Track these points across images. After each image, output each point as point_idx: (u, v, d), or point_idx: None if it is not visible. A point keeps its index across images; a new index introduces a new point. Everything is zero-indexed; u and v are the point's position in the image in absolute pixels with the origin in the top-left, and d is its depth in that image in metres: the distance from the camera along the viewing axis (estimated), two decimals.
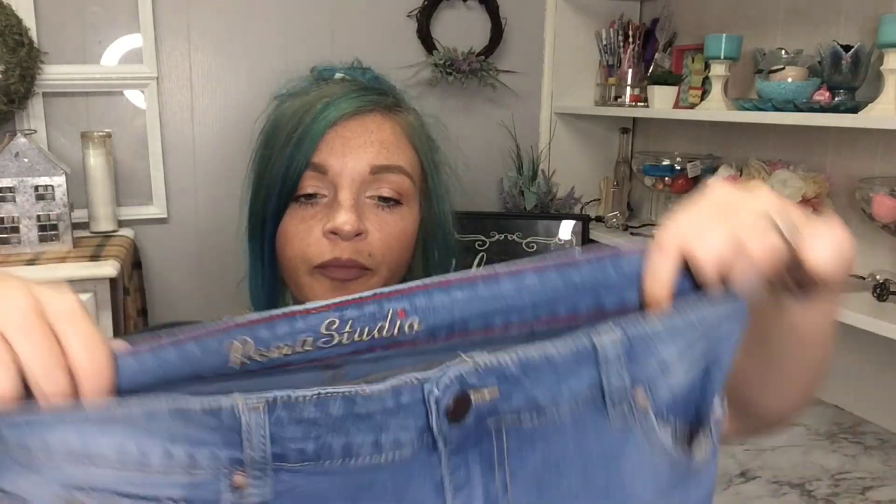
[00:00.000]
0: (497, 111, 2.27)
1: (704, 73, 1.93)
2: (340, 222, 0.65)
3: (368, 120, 0.69)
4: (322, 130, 0.67)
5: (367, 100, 0.70)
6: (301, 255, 0.68)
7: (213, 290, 2.05)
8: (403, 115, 0.75)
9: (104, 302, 1.57)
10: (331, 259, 0.67)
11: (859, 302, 1.40)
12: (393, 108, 0.73)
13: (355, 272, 0.68)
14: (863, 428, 1.57)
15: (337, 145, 0.67)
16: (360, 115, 0.69)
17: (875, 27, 1.39)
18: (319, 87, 0.74)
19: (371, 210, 0.69)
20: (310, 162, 0.67)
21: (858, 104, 1.43)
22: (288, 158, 0.67)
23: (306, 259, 0.68)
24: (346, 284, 0.68)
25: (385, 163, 0.69)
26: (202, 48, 1.98)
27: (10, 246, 1.64)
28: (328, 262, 0.67)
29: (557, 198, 2.28)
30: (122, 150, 1.94)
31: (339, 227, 0.65)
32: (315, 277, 0.68)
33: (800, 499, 1.29)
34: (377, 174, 0.68)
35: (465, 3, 2.17)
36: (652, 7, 2.25)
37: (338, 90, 0.71)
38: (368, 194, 0.69)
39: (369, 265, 0.68)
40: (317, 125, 0.67)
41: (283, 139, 0.69)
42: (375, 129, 0.69)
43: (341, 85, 0.73)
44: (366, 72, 0.81)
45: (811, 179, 1.60)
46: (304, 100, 0.71)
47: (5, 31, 1.71)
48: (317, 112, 0.68)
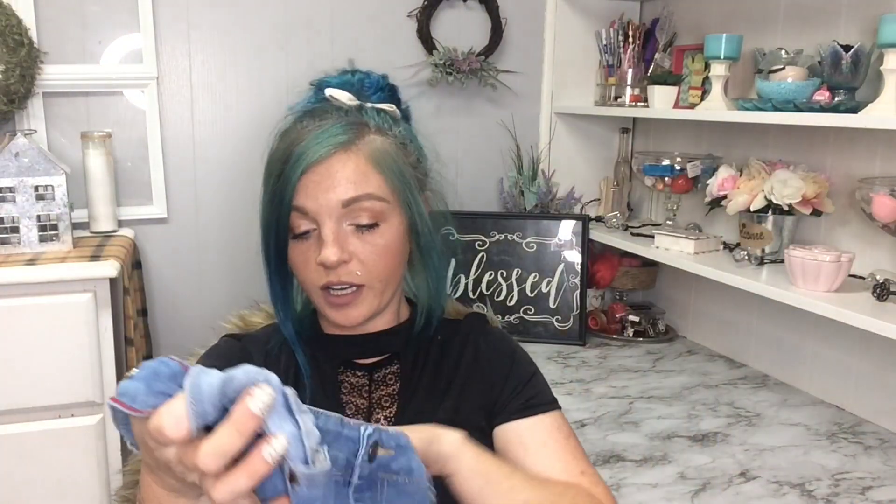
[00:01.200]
0: (497, 111, 2.27)
1: (704, 73, 1.93)
2: (324, 257, 0.79)
3: (333, 161, 0.80)
4: (297, 179, 0.79)
5: (330, 144, 0.80)
6: (306, 282, 0.83)
7: (213, 290, 2.05)
8: (366, 145, 0.82)
9: (104, 302, 1.57)
10: (326, 283, 0.81)
11: (859, 302, 1.40)
12: (354, 143, 0.81)
13: (352, 295, 0.82)
14: (863, 428, 1.57)
15: (310, 189, 0.79)
16: (324, 160, 0.79)
17: (875, 27, 1.39)
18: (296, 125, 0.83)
19: (353, 235, 0.81)
20: (292, 206, 0.80)
21: (858, 104, 1.43)
22: (276, 203, 0.80)
23: (311, 284, 0.83)
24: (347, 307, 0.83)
25: (353, 195, 0.80)
26: (202, 48, 1.98)
27: (10, 246, 1.64)
28: (326, 285, 0.81)
29: (557, 198, 2.28)
30: (122, 150, 1.94)
31: (324, 260, 0.79)
32: (323, 297, 0.83)
33: (800, 499, 1.30)
34: (349, 206, 0.80)
35: (465, 3, 2.17)
36: (652, 7, 2.25)
37: (308, 135, 0.81)
38: (347, 223, 0.81)
39: (361, 282, 0.82)
40: (292, 174, 0.79)
41: (272, 185, 0.81)
42: (339, 168, 0.80)
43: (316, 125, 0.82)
44: (355, 73, 0.90)
45: (811, 179, 1.61)
46: (285, 143, 0.82)
47: (5, 31, 1.71)
48: (292, 161, 0.79)
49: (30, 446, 1.56)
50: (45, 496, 1.58)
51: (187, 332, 2.01)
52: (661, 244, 1.89)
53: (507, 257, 2.13)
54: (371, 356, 0.90)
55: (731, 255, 1.76)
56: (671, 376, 1.86)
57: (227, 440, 0.46)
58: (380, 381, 0.89)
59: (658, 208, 2.27)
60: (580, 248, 2.10)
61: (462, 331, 0.94)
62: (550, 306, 2.10)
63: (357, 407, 0.87)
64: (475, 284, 2.14)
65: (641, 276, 2.24)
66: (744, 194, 1.68)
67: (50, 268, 1.53)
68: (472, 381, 0.90)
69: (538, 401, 0.90)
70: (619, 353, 2.03)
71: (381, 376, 0.90)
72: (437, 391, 0.89)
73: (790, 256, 1.49)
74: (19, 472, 1.56)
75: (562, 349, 2.05)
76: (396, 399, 0.88)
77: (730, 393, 1.75)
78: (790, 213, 1.63)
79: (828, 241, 1.68)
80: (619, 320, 2.17)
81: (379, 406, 0.88)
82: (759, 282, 1.57)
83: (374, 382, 0.89)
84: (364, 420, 0.83)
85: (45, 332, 1.53)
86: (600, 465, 1.41)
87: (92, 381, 1.57)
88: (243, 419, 0.46)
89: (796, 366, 1.79)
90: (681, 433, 1.54)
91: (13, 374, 1.53)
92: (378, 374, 0.90)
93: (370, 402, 0.88)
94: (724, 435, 1.53)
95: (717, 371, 1.90)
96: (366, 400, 0.88)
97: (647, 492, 1.32)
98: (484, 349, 0.92)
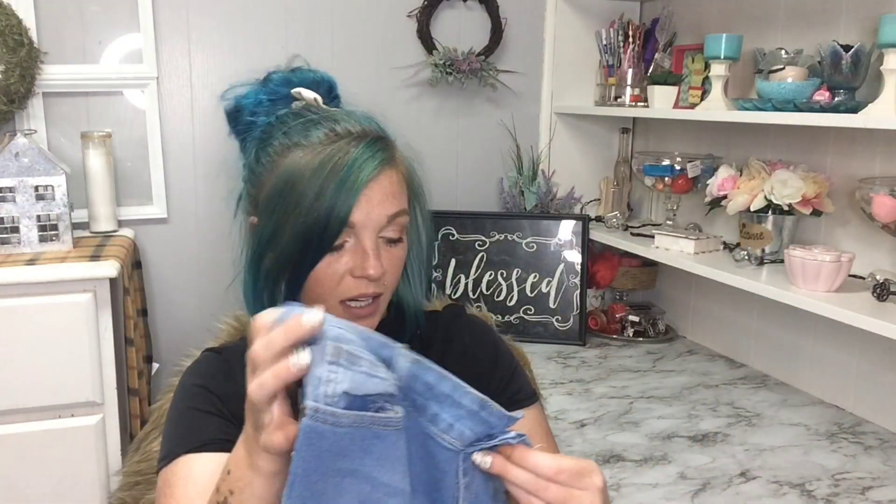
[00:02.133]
0: (497, 111, 2.27)
1: (704, 73, 1.93)
2: (371, 271, 0.79)
3: (383, 177, 0.80)
4: (355, 196, 0.77)
5: (379, 159, 0.79)
6: (330, 293, 0.81)
7: (212, 290, 2.05)
8: (400, 161, 0.84)
9: (104, 302, 1.57)
10: (357, 295, 0.81)
11: (859, 302, 1.40)
12: (394, 157, 0.82)
13: (370, 307, 0.82)
14: (863, 428, 1.57)
15: (363, 203, 0.78)
16: (376, 176, 0.79)
17: (875, 27, 1.39)
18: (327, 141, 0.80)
19: (382, 248, 0.82)
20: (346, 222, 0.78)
21: (858, 104, 1.43)
22: (325, 218, 0.77)
23: (337, 295, 0.81)
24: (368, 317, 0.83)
25: (395, 210, 0.81)
26: (202, 48, 1.98)
27: (10, 246, 1.64)
28: (354, 297, 0.81)
29: (557, 198, 2.28)
30: (122, 150, 1.94)
31: (368, 274, 0.79)
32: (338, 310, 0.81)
33: (800, 499, 1.30)
34: (391, 221, 0.81)
35: (465, 3, 2.17)
36: (652, 7, 2.25)
37: (354, 150, 0.79)
38: (380, 235, 0.81)
39: (380, 291, 0.83)
40: (348, 191, 0.77)
41: (313, 197, 0.77)
42: (388, 183, 0.80)
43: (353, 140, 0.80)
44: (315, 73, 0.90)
45: (811, 179, 1.61)
46: (322, 158, 0.78)
47: (5, 31, 1.71)
48: (343, 176, 0.77)
49: (30, 446, 1.56)
50: (45, 496, 1.58)
51: (187, 332, 2.01)
52: (661, 244, 1.89)
53: (507, 257, 2.13)
54: None
55: (731, 255, 1.76)
56: (671, 376, 1.86)
57: (275, 336, 0.58)
58: None
59: (658, 208, 2.27)
60: (580, 248, 2.10)
61: (440, 324, 0.95)
62: (550, 306, 2.10)
63: None
64: (475, 284, 2.14)
65: (641, 276, 2.24)
66: (744, 194, 1.68)
67: (50, 268, 1.53)
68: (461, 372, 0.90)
69: (523, 395, 0.92)
70: (619, 353, 2.03)
71: None
72: None
73: (790, 256, 1.49)
74: (19, 472, 1.56)
75: (562, 349, 2.05)
76: None
77: (730, 393, 1.76)
78: (790, 213, 1.63)
79: (828, 241, 1.68)
80: (619, 320, 2.17)
81: None
82: (759, 282, 1.57)
83: None
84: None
85: (45, 332, 1.53)
86: (600, 465, 1.41)
87: (92, 381, 1.57)
88: (293, 325, 0.57)
89: (796, 366, 1.79)
90: (681, 433, 1.54)
91: (13, 374, 1.53)
92: None
93: None
94: (724, 435, 1.54)
95: (717, 371, 1.90)
96: None
97: (647, 492, 1.32)
98: (469, 342, 0.93)
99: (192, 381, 0.85)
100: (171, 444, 0.81)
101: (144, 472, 0.97)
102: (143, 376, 1.74)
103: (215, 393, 0.83)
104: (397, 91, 2.15)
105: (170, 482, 0.78)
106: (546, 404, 1.24)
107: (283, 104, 0.87)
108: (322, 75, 0.91)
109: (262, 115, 0.87)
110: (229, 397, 0.83)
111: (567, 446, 1.48)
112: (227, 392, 0.83)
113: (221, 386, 0.84)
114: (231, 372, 0.85)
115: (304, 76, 0.91)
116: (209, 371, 0.86)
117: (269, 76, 0.91)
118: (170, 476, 0.78)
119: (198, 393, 0.83)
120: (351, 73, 2.08)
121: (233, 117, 0.90)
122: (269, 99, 0.88)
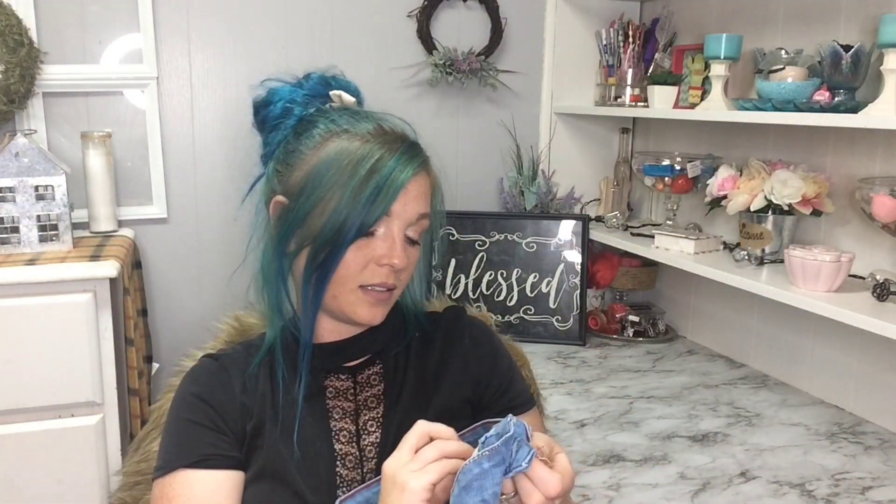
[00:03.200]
0: (497, 111, 2.27)
1: (704, 73, 1.93)
2: (398, 261, 0.82)
3: (420, 177, 0.85)
4: (398, 190, 0.82)
5: (419, 160, 0.85)
6: (352, 277, 0.83)
7: (212, 290, 2.05)
8: (432, 169, 0.89)
9: (104, 302, 1.57)
10: (378, 283, 0.83)
11: (859, 302, 1.40)
12: (428, 163, 0.87)
13: (387, 293, 0.85)
14: (863, 428, 1.57)
15: (402, 196, 0.82)
16: (416, 175, 0.84)
17: (875, 27, 1.39)
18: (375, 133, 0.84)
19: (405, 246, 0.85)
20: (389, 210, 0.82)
21: (858, 104, 1.43)
22: (366, 206, 0.80)
23: (358, 280, 0.83)
24: (381, 304, 0.85)
25: (425, 210, 0.86)
26: (202, 48, 1.98)
27: (10, 246, 1.64)
28: (374, 285, 0.84)
29: (557, 198, 2.28)
30: (122, 150, 1.94)
31: (396, 265, 0.83)
32: (357, 294, 0.84)
33: (800, 499, 1.30)
34: (419, 221, 0.85)
35: (465, 3, 2.17)
36: (652, 7, 2.25)
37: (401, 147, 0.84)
38: (405, 233, 0.85)
39: (397, 285, 0.86)
40: (393, 184, 0.81)
41: (356, 186, 0.81)
42: (424, 183, 0.86)
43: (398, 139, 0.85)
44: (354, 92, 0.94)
45: (811, 179, 1.61)
46: (372, 146, 0.83)
47: (5, 31, 1.71)
48: (388, 170, 0.81)
49: (30, 446, 1.56)
50: (45, 496, 1.58)
51: (187, 332, 2.01)
52: (661, 244, 1.89)
53: (507, 257, 2.13)
54: (355, 358, 0.91)
55: (731, 255, 1.76)
56: (671, 376, 1.86)
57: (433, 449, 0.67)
58: (364, 382, 0.89)
59: (658, 208, 2.27)
60: (580, 248, 2.10)
61: (441, 325, 0.96)
62: (550, 306, 2.10)
63: (344, 410, 0.87)
64: (475, 284, 2.14)
65: (641, 276, 2.24)
66: (744, 194, 1.68)
67: (50, 268, 1.53)
68: (459, 379, 0.91)
69: (521, 400, 0.94)
70: (619, 353, 2.03)
71: (364, 378, 0.90)
72: (424, 389, 0.90)
73: (790, 256, 1.49)
74: (19, 472, 1.56)
75: (562, 349, 2.05)
76: (382, 399, 0.89)
77: (730, 393, 1.76)
78: (790, 213, 1.63)
79: (828, 241, 1.68)
80: (619, 320, 2.17)
81: (366, 407, 0.88)
82: (759, 282, 1.57)
83: (359, 385, 0.89)
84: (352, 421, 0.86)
85: (45, 332, 1.53)
86: (600, 465, 1.41)
87: (92, 381, 1.57)
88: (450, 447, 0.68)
89: (796, 366, 1.79)
90: (681, 433, 1.54)
91: (13, 374, 1.53)
92: (362, 376, 0.90)
93: (356, 404, 0.88)
94: (724, 435, 1.54)
95: (717, 371, 1.90)
96: (352, 402, 0.88)
97: (647, 492, 1.32)
98: (468, 344, 0.94)
99: (190, 389, 0.86)
100: (168, 455, 0.83)
101: (144, 472, 0.97)
102: (143, 376, 1.74)
103: (212, 404, 0.84)
104: (397, 91, 2.15)
105: (168, 497, 0.80)
106: (546, 404, 1.25)
107: (318, 102, 0.90)
108: (356, 86, 0.96)
109: (297, 107, 0.89)
110: (226, 408, 0.84)
111: (567, 446, 1.48)
112: (224, 403, 0.85)
113: (218, 396, 0.85)
114: (228, 381, 0.87)
115: (339, 81, 0.95)
116: (207, 380, 0.87)
117: (308, 75, 0.94)
118: (168, 490, 0.80)
119: (195, 404, 0.84)
120: (351, 73, 2.05)
121: (263, 106, 0.92)
122: (306, 94, 0.90)
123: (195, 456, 0.81)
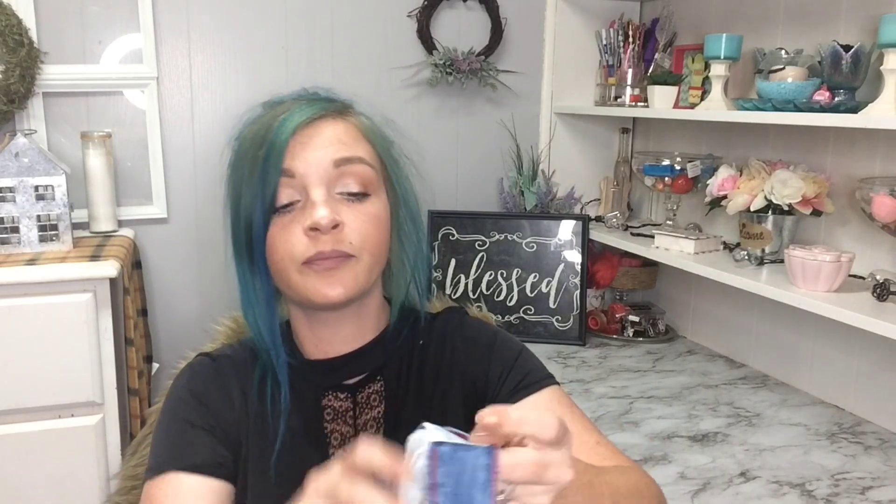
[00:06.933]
0: (497, 111, 2.27)
1: (704, 73, 1.93)
2: (318, 217, 0.73)
3: (323, 124, 0.77)
4: (285, 140, 0.75)
5: (319, 107, 0.78)
6: (288, 257, 0.75)
7: (212, 290, 2.05)
8: (355, 117, 0.82)
9: (104, 302, 1.57)
10: (315, 254, 0.74)
11: (859, 302, 1.40)
12: (343, 112, 0.81)
13: (340, 261, 0.75)
14: (863, 428, 1.57)
15: (298, 149, 0.75)
16: (314, 121, 0.77)
17: (875, 27, 1.39)
18: (273, 108, 0.80)
19: (343, 204, 0.76)
20: (281, 169, 0.74)
21: (858, 104, 1.43)
22: (261, 173, 0.75)
23: (293, 258, 0.75)
24: (334, 273, 0.75)
25: (346, 155, 0.76)
26: (202, 48, 1.98)
27: (10, 246, 1.64)
28: (313, 257, 0.74)
29: (557, 198, 2.28)
30: (122, 150, 1.94)
31: (317, 221, 0.73)
32: (304, 273, 0.75)
33: (800, 499, 1.29)
34: (340, 167, 0.76)
35: (465, 3, 2.17)
36: (652, 7, 2.25)
37: (291, 105, 0.79)
38: (338, 191, 0.76)
39: (352, 252, 0.75)
40: (279, 137, 0.75)
41: (251, 159, 0.76)
42: (330, 129, 0.77)
43: (293, 101, 0.80)
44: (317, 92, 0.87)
45: (811, 179, 1.61)
46: (262, 122, 0.78)
47: (5, 31, 1.72)
48: (276, 127, 0.76)
49: (30, 446, 1.56)
50: (45, 496, 1.58)
51: (187, 332, 2.01)
52: (661, 244, 1.89)
53: (507, 257, 2.13)
54: (354, 375, 0.85)
55: (731, 255, 1.76)
56: (671, 376, 1.86)
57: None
58: (364, 402, 0.84)
59: (658, 208, 2.27)
60: (580, 248, 2.10)
61: (438, 328, 0.89)
62: (550, 306, 2.10)
63: (342, 435, 0.83)
64: (475, 284, 2.14)
65: (641, 276, 2.24)
66: (744, 194, 1.68)
67: (50, 268, 1.53)
68: (454, 383, 0.86)
69: (530, 380, 0.84)
70: (619, 353, 2.03)
71: (364, 397, 0.84)
72: (423, 401, 0.85)
73: (790, 256, 1.49)
74: (19, 472, 1.56)
75: (562, 349, 2.05)
76: (382, 423, 0.84)
77: (730, 393, 1.75)
78: (790, 213, 1.63)
79: (828, 241, 1.68)
80: (619, 320, 2.17)
81: (365, 432, 0.84)
82: (759, 282, 1.57)
83: (359, 405, 0.84)
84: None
85: (45, 332, 1.53)
86: None
87: (92, 381, 1.57)
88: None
89: (796, 366, 1.79)
90: (681, 433, 1.54)
91: (13, 374, 1.53)
92: (362, 395, 0.84)
93: (356, 429, 0.83)
94: (724, 435, 1.53)
95: (717, 371, 1.90)
96: (351, 427, 0.83)
97: None
98: (461, 345, 0.87)
99: (186, 387, 0.83)
100: (160, 456, 0.79)
101: (141, 476, 0.94)
102: (143, 376, 1.74)
103: (209, 406, 0.81)
104: (397, 91, 2.15)
105: (156, 500, 0.76)
106: None
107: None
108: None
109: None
110: (222, 412, 0.81)
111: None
112: (221, 405, 0.81)
113: (215, 398, 0.82)
114: (226, 383, 0.83)
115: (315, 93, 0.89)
116: (204, 380, 0.83)
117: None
118: (156, 492, 0.76)
119: (191, 403, 0.81)
120: (351, 74, 2.08)
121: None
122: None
123: (189, 462, 0.77)
